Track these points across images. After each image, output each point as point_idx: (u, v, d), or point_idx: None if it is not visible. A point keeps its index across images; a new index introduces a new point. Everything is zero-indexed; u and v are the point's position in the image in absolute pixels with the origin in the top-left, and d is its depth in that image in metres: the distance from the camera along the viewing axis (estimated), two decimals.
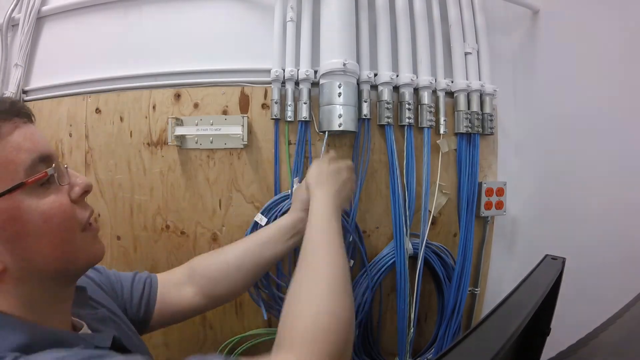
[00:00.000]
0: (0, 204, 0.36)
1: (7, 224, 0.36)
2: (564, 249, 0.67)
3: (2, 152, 0.36)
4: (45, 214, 0.39)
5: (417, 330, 0.96)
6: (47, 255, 0.39)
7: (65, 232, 0.41)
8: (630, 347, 0.45)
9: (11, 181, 0.36)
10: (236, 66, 0.93)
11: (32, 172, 0.38)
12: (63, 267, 0.41)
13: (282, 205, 0.87)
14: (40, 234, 0.38)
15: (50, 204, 0.39)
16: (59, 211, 0.40)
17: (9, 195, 0.36)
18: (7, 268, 0.37)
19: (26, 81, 1.03)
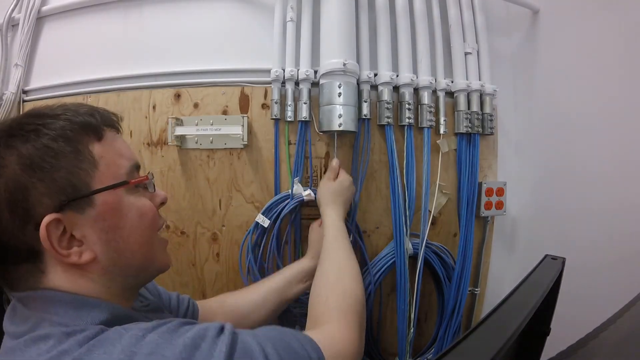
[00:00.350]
0: (105, 196, 0.41)
1: (109, 214, 0.42)
2: (564, 249, 0.67)
3: (107, 154, 0.43)
4: (140, 210, 0.45)
5: (417, 330, 0.96)
6: (134, 250, 0.44)
7: (152, 231, 0.47)
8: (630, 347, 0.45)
9: (114, 179, 0.42)
10: (236, 66, 0.93)
11: (131, 176, 0.45)
12: (143, 266, 0.46)
13: (282, 206, 0.87)
14: (134, 229, 0.44)
15: (144, 202, 0.46)
16: (150, 211, 0.46)
17: (113, 190, 0.42)
18: (97, 258, 0.41)
19: (26, 81, 1.03)
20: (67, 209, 0.38)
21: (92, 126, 0.42)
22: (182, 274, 0.96)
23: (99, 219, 0.41)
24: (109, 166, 0.42)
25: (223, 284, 0.95)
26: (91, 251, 0.41)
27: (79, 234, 0.40)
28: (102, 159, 0.42)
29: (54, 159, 0.38)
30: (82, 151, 0.40)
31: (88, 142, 0.41)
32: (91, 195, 0.40)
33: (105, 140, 0.43)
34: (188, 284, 0.96)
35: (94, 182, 0.40)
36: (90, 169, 0.41)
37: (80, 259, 0.40)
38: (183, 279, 0.96)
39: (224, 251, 0.94)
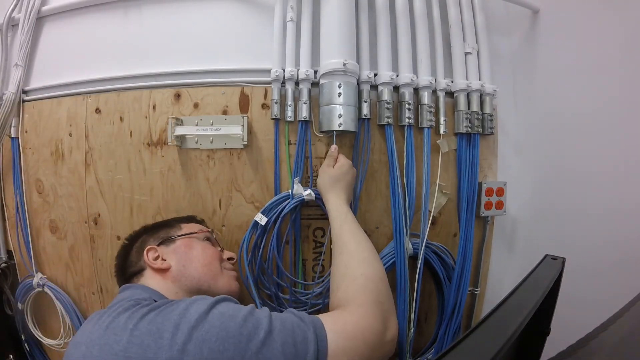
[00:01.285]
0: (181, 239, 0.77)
1: (184, 247, 0.75)
2: (564, 249, 0.67)
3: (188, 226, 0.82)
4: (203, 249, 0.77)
5: (417, 330, 0.96)
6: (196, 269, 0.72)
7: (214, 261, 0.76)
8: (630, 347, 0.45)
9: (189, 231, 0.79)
10: (236, 66, 0.93)
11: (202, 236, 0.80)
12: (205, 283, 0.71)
13: (282, 206, 0.87)
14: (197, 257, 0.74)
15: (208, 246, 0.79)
16: (211, 250, 0.78)
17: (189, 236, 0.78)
18: (171, 267, 0.70)
19: (26, 81, 1.03)
20: (161, 244, 0.75)
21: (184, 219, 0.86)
22: None
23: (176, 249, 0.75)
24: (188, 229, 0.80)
25: None
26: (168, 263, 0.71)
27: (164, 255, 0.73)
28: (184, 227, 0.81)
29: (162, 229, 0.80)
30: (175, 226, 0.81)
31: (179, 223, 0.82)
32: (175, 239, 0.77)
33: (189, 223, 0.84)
34: None
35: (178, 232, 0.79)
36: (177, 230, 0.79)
37: (161, 265, 0.70)
38: None
39: None
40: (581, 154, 0.89)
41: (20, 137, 1.03)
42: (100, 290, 1.00)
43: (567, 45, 0.94)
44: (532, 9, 1.01)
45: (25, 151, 1.04)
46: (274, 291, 0.89)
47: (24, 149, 1.03)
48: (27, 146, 1.04)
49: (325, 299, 0.90)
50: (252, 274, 0.88)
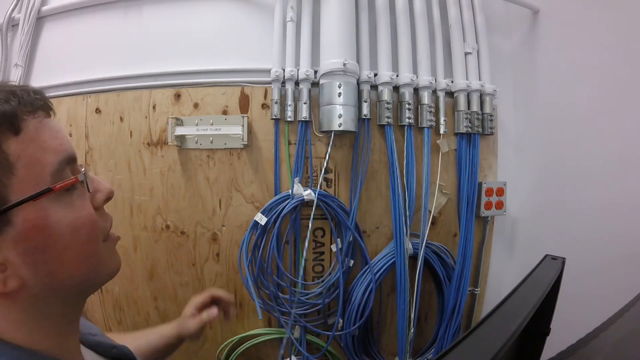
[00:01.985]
0: (24, 211, 0.31)
1: (32, 234, 0.32)
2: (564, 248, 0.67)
3: (26, 151, 0.32)
4: (73, 225, 0.35)
5: (417, 330, 0.96)
6: (72, 269, 0.35)
7: (92, 244, 0.37)
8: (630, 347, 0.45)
9: (36, 185, 0.32)
10: (236, 66, 0.93)
11: (59, 176, 0.34)
12: (87, 283, 0.38)
13: (282, 206, 0.87)
14: (67, 246, 0.34)
15: (78, 212, 0.35)
16: (86, 221, 0.36)
17: (35, 201, 0.32)
18: (26, 284, 0.33)
19: (26, 81, 1.03)
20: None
21: (6, 117, 0.31)
22: (182, 274, 0.96)
23: (20, 240, 0.32)
24: (29, 167, 0.32)
25: (223, 283, 0.95)
26: (16, 277, 0.32)
27: (0, 257, 0.32)
28: (19, 160, 0.31)
29: None
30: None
31: (1, 140, 0.31)
32: (7, 212, 0.31)
33: (24, 133, 0.32)
34: (188, 284, 0.96)
35: (10, 193, 0.31)
36: (5, 176, 0.31)
37: (5, 288, 0.32)
38: (183, 279, 0.96)
39: (224, 251, 0.94)
40: (581, 154, 0.89)
41: None
42: (100, 291, 1.00)
43: (567, 45, 0.94)
44: (532, 9, 1.01)
45: None
46: (274, 291, 0.89)
47: None
48: None
49: (325, 299, 0.90)
50: (252, 274, 0.88)
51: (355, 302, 0.88)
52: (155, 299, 0.97)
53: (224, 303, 0.74)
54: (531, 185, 1.05)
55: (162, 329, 0.70)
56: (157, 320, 0.98)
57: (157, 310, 0.98)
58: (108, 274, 0.40)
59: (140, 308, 0.98)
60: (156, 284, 0.96)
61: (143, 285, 0.97)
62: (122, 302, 0.98)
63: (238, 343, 0.95)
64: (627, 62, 0.79)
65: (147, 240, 0.95)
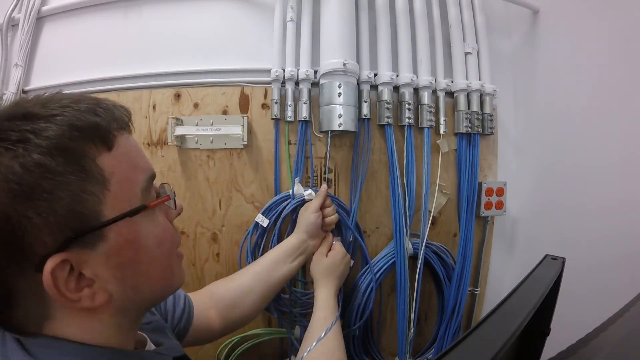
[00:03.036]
0: (118, 227, 0.32)
1: (124, 249, 0.33)
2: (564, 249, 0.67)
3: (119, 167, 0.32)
4: (159, 238, 0.36)
5: (417, 330, 0.96)
6: (154, 282, 0.36)
7: (171, 256, 0.39)
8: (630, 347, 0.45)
9: (129, 202, 0.33)
10: (236, 66, 0.93)
11: (147, 193, 0.36)
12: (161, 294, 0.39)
13: (282, 206, 0.87)
14: (152, 260, 0.35)
15: (162, 227, 0.37)
16: (168, 234, 0.38)
17: (129, 218, 0.32)
18: (112, 298, 0.33)
19: (26, 81, 1.03)
20: (73, 245, 0.30)
21: (99, 131, 0.32)
22: None
23: (112, 255, 0.32)
24: (122, 184, 0.32)
25: None
26: (104, 291, 0.33)
27: (90, 272, 0.31)
28: (113, 176, 0.32)
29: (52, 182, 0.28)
30: (88, 168, 0.30)
31: (95, 154, 0.31)
32: (102, 228, 0.31)
33: (116, 149, 0.33)
34: (188, 284, 0.96)
35: (105, 208, 0.31)
36: (100, 192, 0.31)
37: (94, 303, 0.32)
38: None
39: (224, 251, 0.94)
40: (581, 154, 0.89)
41: None
42: None
43: (567, 45, 0.94)
44: (532, 9, 1.01)
45: None
46: None
47: None
48: None
49: None
50: None
51: (355, 302, 0.88)
52: None
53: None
54: (531, 185, 1.05)
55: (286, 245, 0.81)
56: None
57: None
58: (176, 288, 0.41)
59: None
60: None
61: None
62: None
63: (238, 343, 0.95)
64: (628, 62, 0.79)
65: None
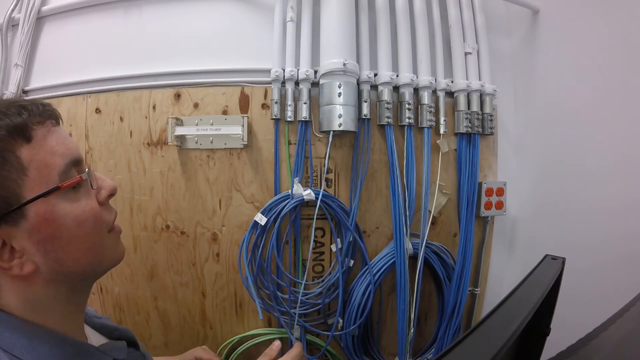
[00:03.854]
0: (36, 207, 0.38)
1: (42, 226, 0.38)
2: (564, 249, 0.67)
3: (37, 156, 0.38)
4: (78, 218, 0.41)
5: (417, 330, 0.96)
6: (78, 257, 0.41)
7: (96, 235, 0.43)
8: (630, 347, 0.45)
9: (46, 185, 0.38)
10: (236, 66, 0.93)
11: (66, 176, 0.40)
12: (91, 269, 0.44)
13: (282, 205, 0.87)
14: (73, 238, 0.40)
15: (83, 208, 0.41)
16: (90, 215, 0.42)
17: (45, 198, 0.38)
18: (39, 269, 0.39)
19: (26, 81, 1.03)
20: (2, 223, 0.36)
21: (19, 128, 0.38)
22: (182, 274, 0.96)
23: (33, 231, 0.38)
24: (39, 169, 0.38)
25: (223, 284, 0.95)
26: (32, 262, 0.39)
27: (18, 245, 0.38)
28: (31, 163, 0.37)
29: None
30: (8, 159, 0.36)
31: (15, 147, 0.37)
32: (22, 207, 0.37)
33: (35, 141, 0.39)
34: (188, 284, 0.96)
35: (24, 191, 0.37)
36: (19, 177, 0.37)
37: (22, 271, 0.38)
38: (183, 279, 0.96)
39: (224, 251, 0.94)
40: (581, 154, 0.89)
41: None
42: (100, 291, 1.00)
43: (566, 45, 0.94)
44: (532, 9, 1.01)
45: None
46: (273, 291, 0.89)
47: None
48: None
49: (325, 299, 0.90)
50: (252, 274, 0.88)
51: (355, 302, 0.88)
52: (155, 299, 0.97)
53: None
54: (531, 185, 1.05)
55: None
56: (157, 320, 0.98)
57: (157, 310, 0.98)
58: (112, 262, 0.46)
59: (140, 308, 0.98)
60: (156, 284, 0.96)
61: (143, 285, 0.97)
62: (122, 302, 0.98)
63: (238, 343, 0.95)
64: (628, 62, 0.79)
65: (147, 240, 0.95)
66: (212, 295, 0.96)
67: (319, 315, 0.92)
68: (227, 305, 0.96)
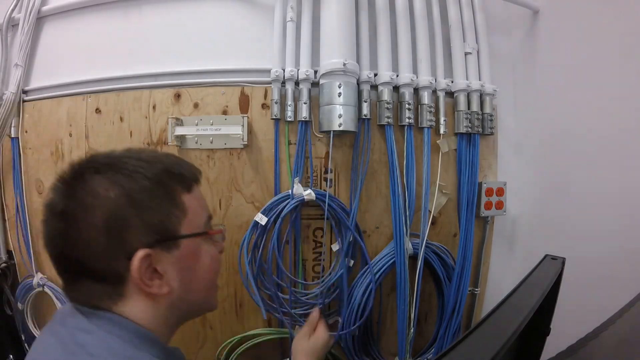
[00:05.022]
0: (188, 241, 0.47)
1: (189, 257, 0.47)
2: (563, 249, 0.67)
3: (193, 205, 0.48)
4: (212, 258, 0.51)
5: (417, 330, 0.96)
6: (200, 290, 0.50)
7: (215, 276, 0.53)
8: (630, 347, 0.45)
9: (197, 228, 0.48)
10: (236, 66, 0.93)
11: (207, 226, 0.51)
12: (201, 305, 0.53)
13: (282, 206, 0.87)
14: (204, 272, 0.50)
15: (214, 252, 0.52)
16: (218, 258, 0.53)
17: (194, 238, 0.48)
18: (172, 293, 0.46)
19: (26, 81, 1.03)
20: (157, 246, 0.43)
21: (184, 178, 0.48)
22: None
23: (181, 259, 0.46)
24: (193, 215, 0.48)
25: (223, 283, 0.95)
26: (168, 285, 0.45)
27: (161, 268, 0.44)
28: (189, 209, 0.47)
29: (153, 201, 0.44)
30: (175, 199, 0.46)
31: (180, 192, 0.47)
32: (179, 239, 0.46)
33: (193, 193, 0.49)
34: None
35: (182, 229, 0.46)
36: (180, 217, 0.46)
37: (160, 290, 0.45)
38: None
39: (224, 251, 0.94)
40: (581, 154, 0.89)
41: (20, 137, 1.03)
42: None
43: (566, 45, 0.94)
44: (532, 9, 1.01)
45: (25, 151, 1.04)
46: (274, 291, 0.89)
47: (24, 149, 1.03)
48: (27, 146, 1.04)
49: (325, 299, 0.90)
50: (252, 274, 0.88)
51: (355, 302, 0.88)
52: None
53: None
54: (531, 185, 1.05)
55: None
56: None
57: None
58: (211, 306, 0.55)
59: None
60: None
61: None
62: None
63: (238, 343, 0.95)
64: (627, 62, 0.79)
65: None
66: None
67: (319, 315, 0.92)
68: (227, 305, 0.96)
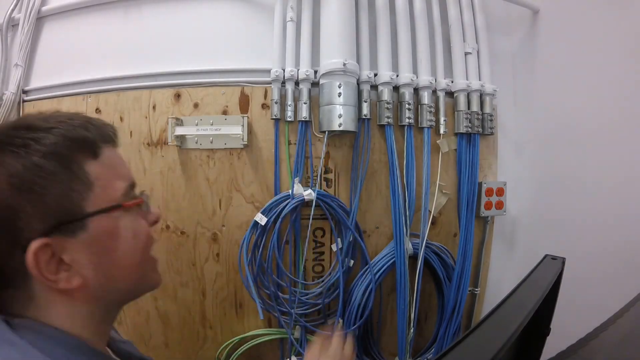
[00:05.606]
0: (99, 220, 0.38)
1: (102, 238, 0.39)
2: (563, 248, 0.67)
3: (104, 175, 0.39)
4: (136, 232, 0.42)
5: (417, 330, 0.96)
6: (127, 273, 0.42)
7: (146, 252, 0.44)
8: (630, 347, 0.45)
9: (109, 202, 0.40)
10: (236, 66, 0.93)
11: (126, 197, 0.42)
12: (133, 288, 0.44)
13: (282, 206, 0.87)
14: (127, 252, 0.41)
15: (139, 223, 0.43)
16: (144, 231, 0.44)
17: (107, 214, 0.39)
18: (86, 284, 0.38)
19: (26, 81, 1.03)
20: (57, 232, 0.36)
21: (87, 142, 0.39)
22: (182, 274, 0.96)
23: (92, 243, 0.38)
24: (104, 188, 0.39)
25: (223, 283, 0.95)
26: (80, 276, 0.38)
27: (68, 258, 0.37)
28: (97, 181, 0.38)
29: (45, 179, 0.35)
30: (76, 171, 0.37)
31: (83, 161, 0.38)
32: (83, 219, 0.37)
33: (101, 158, 0.40)
34: (188, 284, 0.96)
35: (87, 205, 0.37)
36: (84, 191, 0.37)
37: (70, 284, 0.37)
38: (183, 278, 0.96)
39: (224, 251, 0.94)
40: (581, 154, 0.89)
41: None
42: None
43: (566, 46, 0.94)
44: (532, 9, 1.01)
45: None
46: (274, 291, 0.89)
47: None
48: None
49: (325, 299, 0.90)
50: (252, 274, 0.88)
51: (355, 302, 0.88)
52: (155, 299, 0.97)
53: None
54: (531, 185, 1.05)
55: None
56: (157, 320, 0.98)
57: (157, 310, 0.98)
58: (150, 285, 0.47)
59: (140, 308, 0.98)
60: None
61: None
62: None
63: (238, 343, 0.95)
64: (628, 62, 0.79)
65: None
66: (212, 296, 0.96)
67: (319, 315, 0.92)
68: (227, 305, 0.96)
